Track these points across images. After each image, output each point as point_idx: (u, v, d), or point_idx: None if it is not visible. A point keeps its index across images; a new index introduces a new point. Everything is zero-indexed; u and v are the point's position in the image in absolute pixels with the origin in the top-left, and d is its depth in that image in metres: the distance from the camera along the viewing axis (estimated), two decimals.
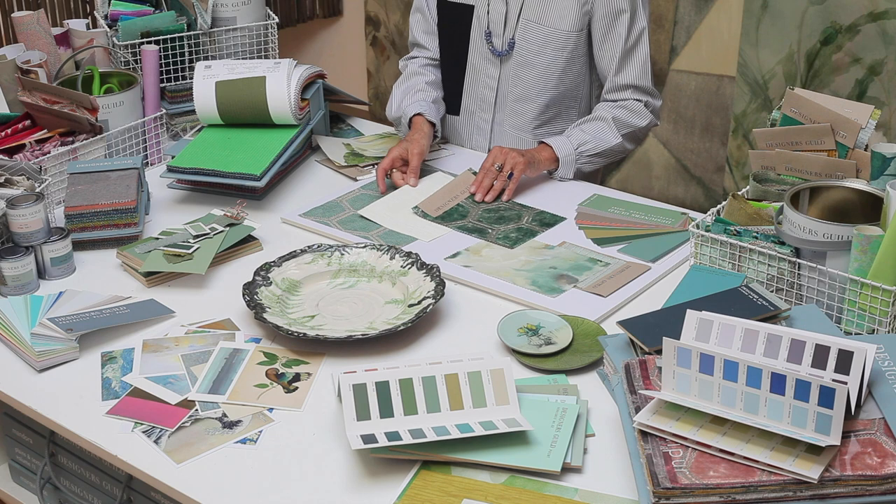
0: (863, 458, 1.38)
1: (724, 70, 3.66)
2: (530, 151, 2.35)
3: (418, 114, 2.45)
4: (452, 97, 2.58)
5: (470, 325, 1.87)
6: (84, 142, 2.30)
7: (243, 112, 2.38)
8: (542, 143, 2.39)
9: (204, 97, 2.37)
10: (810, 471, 1.35)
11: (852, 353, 1.45)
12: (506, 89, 2.48)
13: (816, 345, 1.48)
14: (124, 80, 2.51)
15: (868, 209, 1.80)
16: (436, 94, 2.53)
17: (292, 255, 2.00)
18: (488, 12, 2.44)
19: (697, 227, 1.88)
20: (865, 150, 1.88)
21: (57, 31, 2.63)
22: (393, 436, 1.51)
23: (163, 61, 2.55)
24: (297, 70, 2.41)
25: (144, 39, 2.52)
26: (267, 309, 1.86)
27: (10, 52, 2.48)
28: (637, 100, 2.44)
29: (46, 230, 2.00)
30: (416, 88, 2.52)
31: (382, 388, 1.56)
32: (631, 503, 1.46)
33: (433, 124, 2.45)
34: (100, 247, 2.12)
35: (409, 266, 1.97)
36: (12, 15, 2.58)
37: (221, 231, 2.09)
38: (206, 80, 2.37)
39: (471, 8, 2.48)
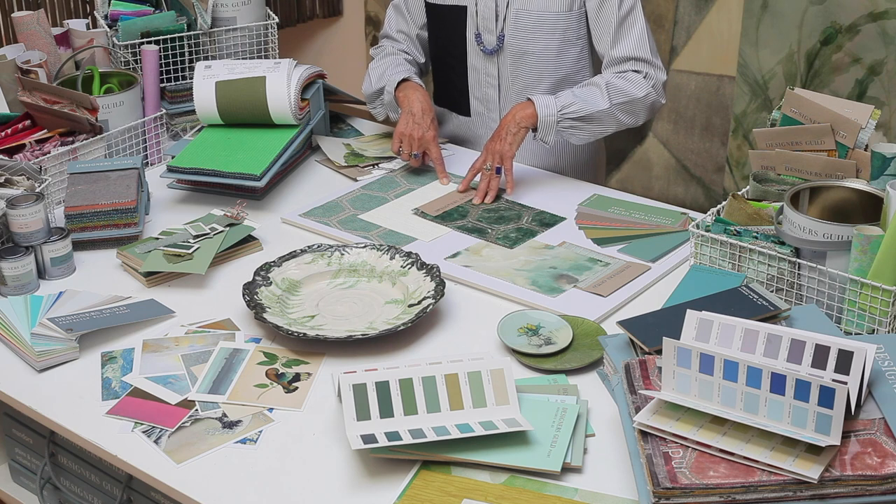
0: (863, 458, 1.38)
1: (724, 70, 3.66)
2: (513, 119, 2.29)
3: (406, 79, 2.44)
4: (461, 99, 2.58)
5: (470, 325, 1.87)
6: (84, 142, 2.30)
7: (243, 112, 2.38)
8: (529, 99, 2.33)
9: (204, 97, 2.37)
10: (810, 471, 1.35)
11: (852, 353, 1.45)
12: (507, 85, 2.48)
13: (816, 345, 1.48)
14: (124, 80, 2.51)
15: (868, 209, 1.80)
16: (417, 70, 2.55)
17: (292, 255, 2.00)
18: (476, 12, 2.44)
19: (697, 227, 1.88)
20: (865, 150, 1.88)
21: (57, 31, 2.63)
22: (393, 436, 1.51)
23: (163, 61, 2.55)
24: (297, 70, 2.41)
25: (144, 39, 2.52)
26: (267, 309, 1.86)
27: (10, 52, 2.48)
28: (636, 71, 2.36)
29: (46, 230, 2.00)
30: (396, 63, 2.52)
31: (382, 388, 1.56)
32: (631, 503, 1.46)
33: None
34: (100, 247, 2.12)
35: (409, 266, 1.97)
36: (12, 15, 2.58)
37: (221, 231, 2.09)
38: (206, 80, 2.38)
39: (464, 9, 2.47)
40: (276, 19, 2.69)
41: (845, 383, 1.42)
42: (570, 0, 2.37)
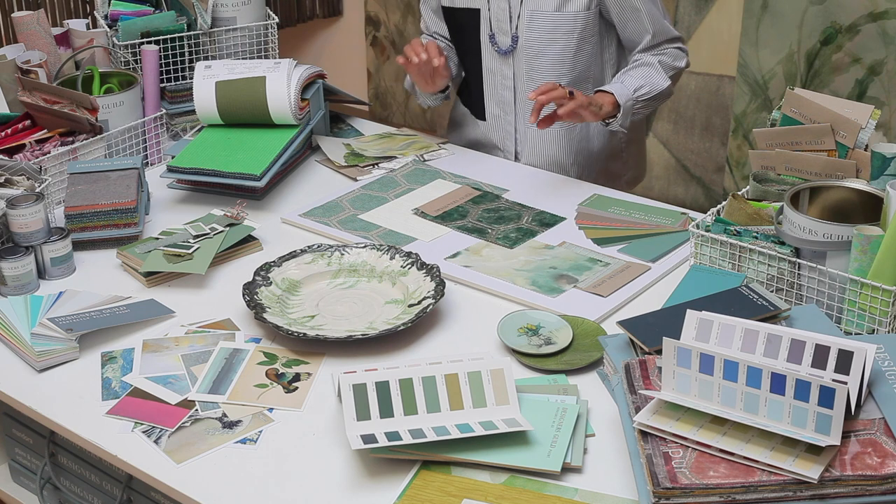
0: (863, 458, 1.38)
1: (724, 70, 3.66)
2: (601, 101, 2.31)
3: None
4: (477, 103, 2.58)
5: (470, 325, 1.87)
6: (84, 142, 2.30)
7: (243, 112, 2.38)
8: (599, 91, 2.36)
9: (204, 97, 2.37)
10: (810, 471, 1.35)
11: (852, 353, 1.45)
12: (523, 87, 2.47)
13: (816, 345, 1.48)
14: (124, 80, 2.51)
15: (868, 209, 1.80)
16: (452, 57, 2.57)
17: (292, 255, 2.00)
18: (490, 14, 2.44)
19: (697, 227, 1.88)
20: (865, 150, 1.88)
21: (57, 31, 2.63)
22: (393, 436, 1.51)
23: (163, 61, 2.55)
24: (297, 70, 2.41)
25: (144, 39, 2.52)
26: (267, 309, 1.86)
27: (10, 52, 2.48)
28: (676, 48, 2.46)
29: (46, 230, 2.00)
30: None
31: (382, 388, 1.56)
32: (631, 503, 1.46)
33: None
34: (100, 247, 2.12)
35: (409, 266, 1.97)
36: (12, 15, 2.58)
37: (221, 231, 2.09)
38: (206, 80, 2.38)
39: (477, 11, 2.47)
40: (276, 19, 2.69)
41: (845, 383, 1.42)
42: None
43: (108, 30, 2.58)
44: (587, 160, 2.54)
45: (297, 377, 1.73)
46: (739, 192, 1.92)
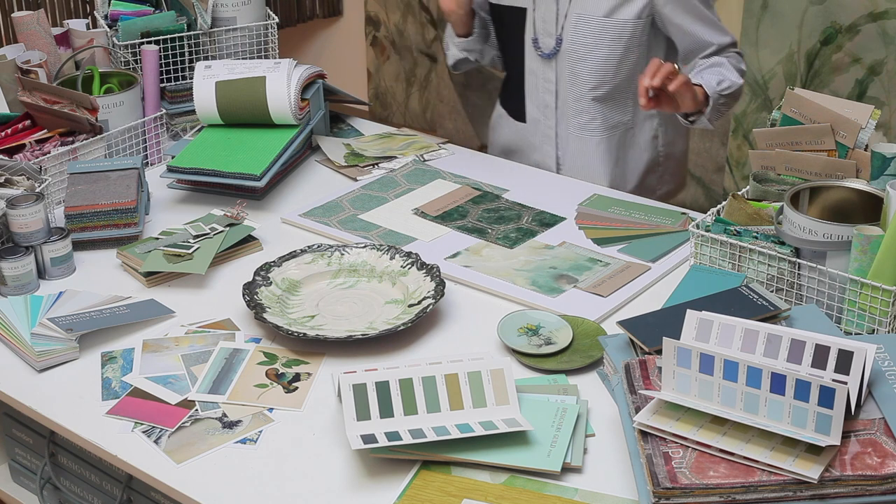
0: (863, 458, 1.38)
1: None
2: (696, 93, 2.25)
3: None
4: (517, 104, 2.55)
5: (470, 325, 1.87)
6: (84, 142, 2.30)
7: (243, 112, 2.38)
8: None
9: (204, 97, 2.37)
10: (810, 471, 1.35)
11: (852, 353, 1.45)
12: (565, 91, 2.44)
13: (816, 345, 1.48)
14: (124, 80, 2.51)
15: (868, 209, 1.80)
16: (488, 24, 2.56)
17: (292, 255, 2.00)
18: (535, 14, 2.41)
19: (697, 227, 1.88)
20: (865, 150, 1.88)
21: (57, 31, 2.63)
22: (393, 436, 1.51)
23: (163, 61, 2.55)
24: (297, 70, 2.41)
25: (144, 39, 2.52)
26: (267, 309, 1.86)
27: (10, 52, 2.48)
28: (736, 52, 2.40)
29: (46, 230, 2.00)
30: None
31: (382, 388, 1.57)
32: (631, 503, 1.46)
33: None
34: (100, 247, 2.13)
35: (409, 266, 1.97)
36: (12, 15, 2.58)
37: (221, 231, 2.09)
38: (206, 80, 2.38)
39: (523, 11, 2.44)
40: (276, 19, 2.69)
41: (845, 383, 1.42)
42: (639, 8, 2.32)
43: (108, 30, 2.58)
44: (623, 170, 2.49)
45: (297, 377, 1.73)
46: (739, 192, 1.92)
